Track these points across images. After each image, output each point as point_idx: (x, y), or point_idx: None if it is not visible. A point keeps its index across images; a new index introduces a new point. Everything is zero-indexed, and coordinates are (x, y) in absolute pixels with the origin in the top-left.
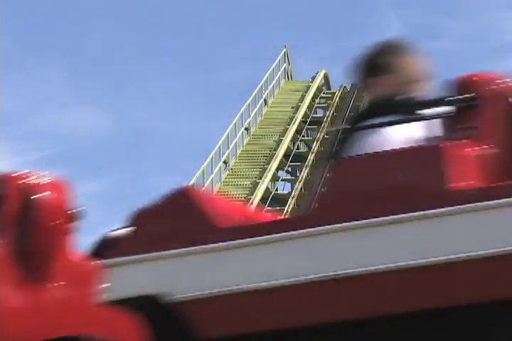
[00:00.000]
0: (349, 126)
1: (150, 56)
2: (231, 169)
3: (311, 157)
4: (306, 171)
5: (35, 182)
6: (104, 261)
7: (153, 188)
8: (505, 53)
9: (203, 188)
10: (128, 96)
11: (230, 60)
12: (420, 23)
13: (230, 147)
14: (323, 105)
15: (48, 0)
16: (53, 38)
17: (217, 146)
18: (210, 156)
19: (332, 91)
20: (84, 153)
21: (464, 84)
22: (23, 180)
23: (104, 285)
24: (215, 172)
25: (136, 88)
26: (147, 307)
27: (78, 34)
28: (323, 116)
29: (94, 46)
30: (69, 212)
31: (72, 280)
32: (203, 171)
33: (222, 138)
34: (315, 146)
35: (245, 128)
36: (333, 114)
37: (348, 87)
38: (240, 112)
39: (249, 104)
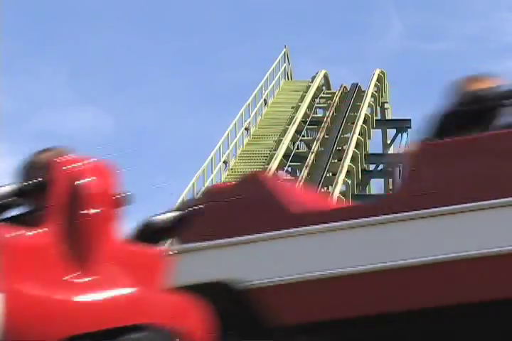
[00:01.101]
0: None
1: (151, 56)
2: (231, 169)
3: (311, 157)
4: (306, 171)
5: (80, 167)
6: (173, 247)
7: (154, 188)
8: (507, 54)
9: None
10: (129, 96)
11: (230, 60)
12: (422, 23)
13: (230, 147)
14: (323, 105)
15: (49, 0)
16: (54, 39)
17: (217, 146)
18: (210, 156)
19: (332, 91)
20: (86, 153)
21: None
22: (68, 165)
23: (171, 272)
24: (215, 172)
25: (137, 88)
26: (218, 294)
27: (79, 34)
28: (323, 116)
29: (96, 46)
30: (114, 197)
31: (123, 266)
32: (203, 171)
33: (222, 138)
34: (315, 146)
35: (245, 128)
36: (333, 114)
37: (348, 87)
38: (240, 112)
39: (249, 104)
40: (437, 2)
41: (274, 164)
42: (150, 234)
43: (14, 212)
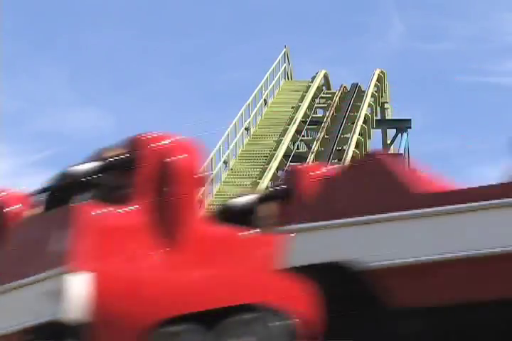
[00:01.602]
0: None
1: (152, 57)
2: (231, 169)
3: (311, 157)
4: None
5: (169, 145)
6: (287, 227)
7: None
8: (508, 54)
9: None
10: (130, 96)
11: (231, 60)
12: (423, 23)
13: (230, 147)
14: (323, 105)
15: (50, 1)
16: (55, 39)
17: (217, 146)
18: (210, 156)
19: (332, 91)
20: (87, 153)
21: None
22: (156, 143)
23: (284, 252)
24: (215, 172)
25: (138, 88)
26: (334, 275)
27: (80, 34)
28: (323, 116)
29: (97, 46)
30: (199, 176)
31: (221, 247)
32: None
33: (222, 138)
34: (315, 146)
35: (245, 128)
36: (333, 114)
37: (348, 87)
38: (240, 112)
39: (249, 104)
40: (438, 2)
41: (274, 164)
42: (231, 215)
43: (99, 190)
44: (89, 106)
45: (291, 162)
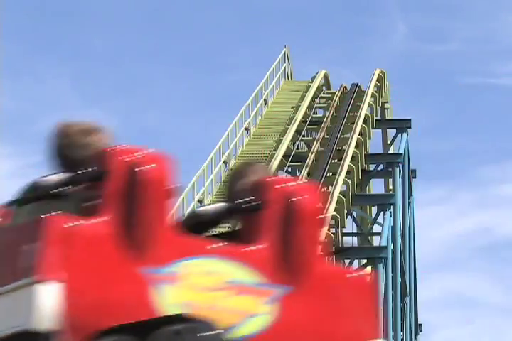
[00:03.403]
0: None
1: (154, 59)
2: (231, 169)
3: (311, 157)
4: (306, 171)
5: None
6: None
7: None
8: (511, 56)
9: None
10: (131, 98)
11: (231, 61)
12: (427, 25)
13: (230, 147)
14: (323, 105)
15: (53, 3)
16: (59, 41)
17: (217, 146)
18: (210, 156)
19: (332, 91)
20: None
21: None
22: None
23: None
24: (215, 172)
25: (140, 90)
26: None
27: (84, 36)
28: (323, 116)
29: (100, 48)
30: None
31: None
32: (203, 171)
33: (222, 138)
34: (315, 146)
35: (245, 128)
36: (333, 114)
37: (348, 87)
38: (240, 112)
39: (249, 104)
40: (441, 3)
41: (274, 164)
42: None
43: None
44: (92, 108)
45: (291, 162)
